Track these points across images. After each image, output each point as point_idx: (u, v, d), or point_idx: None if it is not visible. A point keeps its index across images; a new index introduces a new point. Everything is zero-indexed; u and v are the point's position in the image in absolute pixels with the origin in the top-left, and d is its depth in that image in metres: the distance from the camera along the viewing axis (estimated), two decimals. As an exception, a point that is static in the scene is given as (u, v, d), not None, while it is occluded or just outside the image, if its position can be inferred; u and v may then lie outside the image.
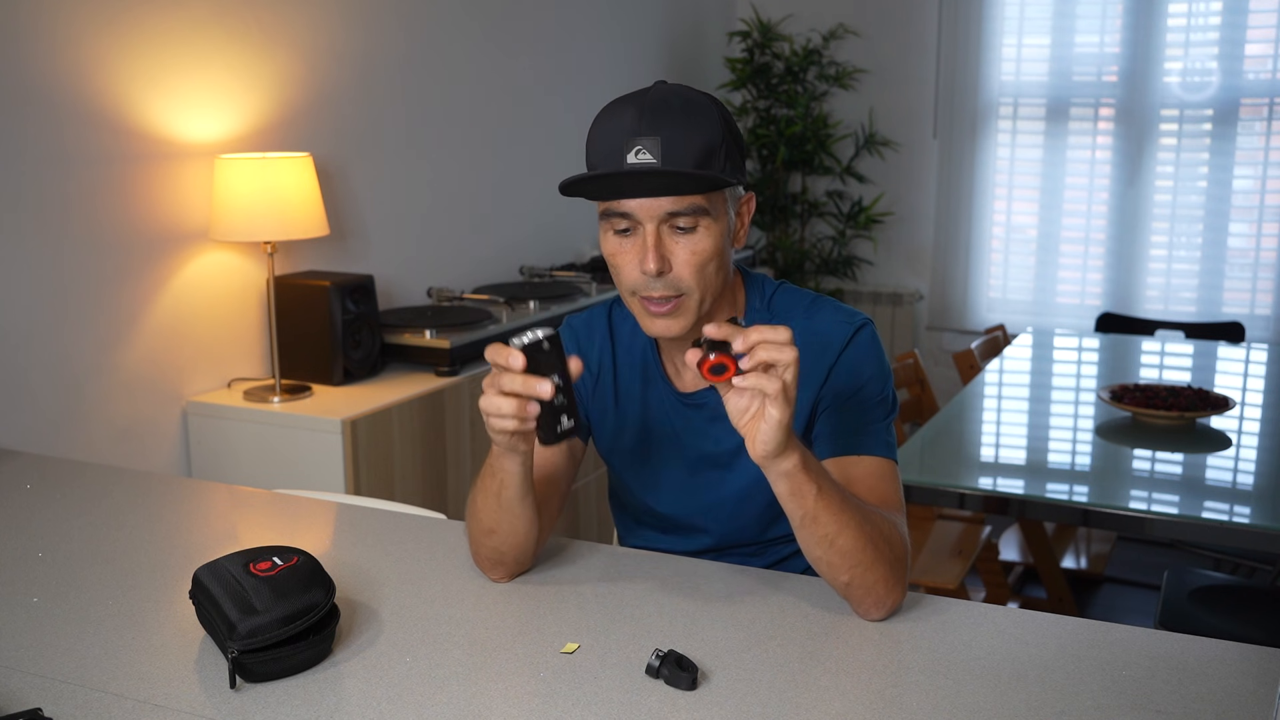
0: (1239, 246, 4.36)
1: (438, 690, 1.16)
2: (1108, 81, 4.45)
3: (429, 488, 2.70)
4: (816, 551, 1.27)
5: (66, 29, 2.29)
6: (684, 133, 1.32)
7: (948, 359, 4.67)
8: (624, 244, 1.37)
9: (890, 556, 1.29)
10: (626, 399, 1.55)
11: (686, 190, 1.33)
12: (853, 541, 1.26)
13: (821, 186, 4.91)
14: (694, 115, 1.34)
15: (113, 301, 2.43)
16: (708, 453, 1.50)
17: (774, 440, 1.19)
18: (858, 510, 1.28)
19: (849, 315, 1.47)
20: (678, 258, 1.35)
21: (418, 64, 3.24)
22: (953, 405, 2.90)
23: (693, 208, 1.34)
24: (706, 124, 1.34)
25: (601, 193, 1.36)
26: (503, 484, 1.35)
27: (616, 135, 1.34)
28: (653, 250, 1.34)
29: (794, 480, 1.23)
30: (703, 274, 1.37)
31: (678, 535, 1.57)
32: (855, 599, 1.30)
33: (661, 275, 1.35)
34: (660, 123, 1.32)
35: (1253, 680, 1.16)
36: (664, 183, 1.32)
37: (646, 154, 1.32)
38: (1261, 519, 2.16)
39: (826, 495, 1.25)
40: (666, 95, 1.36)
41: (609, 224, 1.38)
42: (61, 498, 1.80)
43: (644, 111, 1.33)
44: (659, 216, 1.34)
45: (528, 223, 3.75)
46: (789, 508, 1.26)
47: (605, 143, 1.36)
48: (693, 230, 1.35)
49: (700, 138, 1.33)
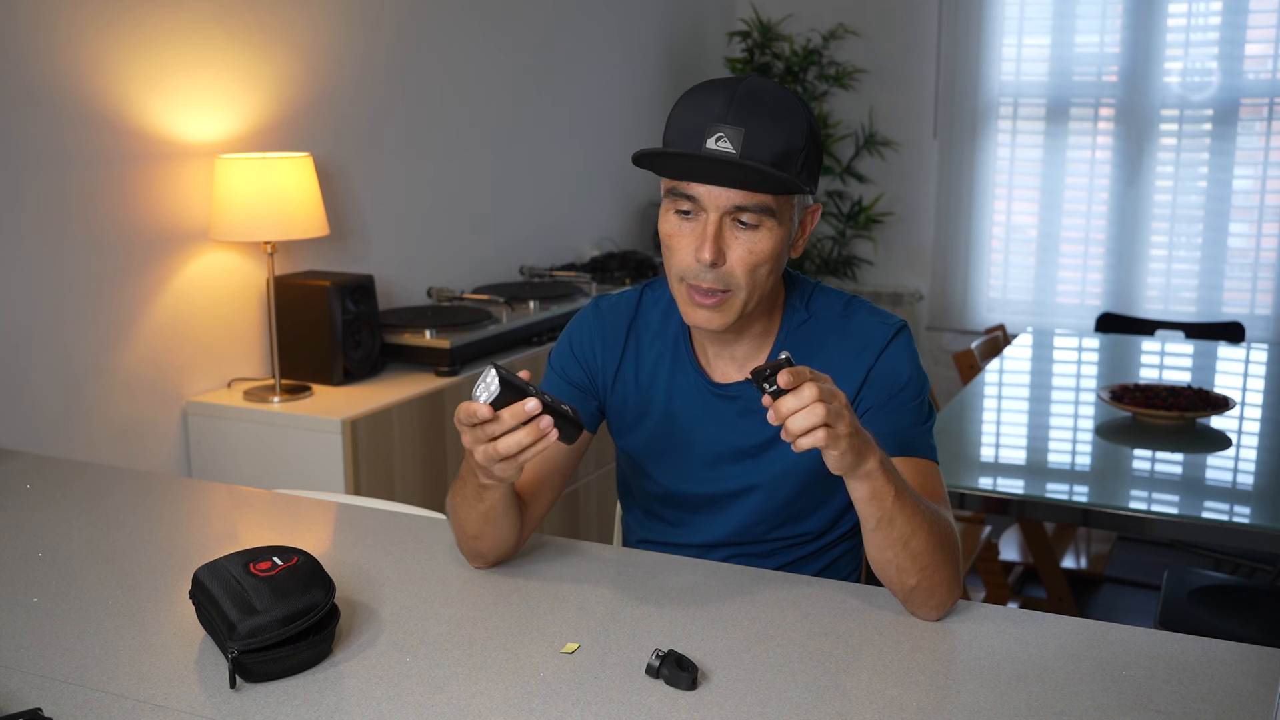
0: (1239, 246, 4.36)
1: (438, 690, 1.16)
2: (1108, 81, 4.45)
3: (429, 488, 2.70)
4: (888, 554, 1.27)
5: (66, 29, 2.29)
6: (769, 130, 1.30)
7: (948, 359, 4.67)
8: (683, 226, 1.35)
9: (954, 557, 1.30)
10: (651, 383, 1.53)
11: (759, 187, 1.31)
12: (924, 544, 1.26)
13: (821, 186, 4.92)
14: (782, 115, 1.32)
15: (113, 301, 2.43)
16: (734, 445, 1.49)
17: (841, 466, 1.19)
18: (929, 512, 1.28)
19: (885, 317, 1.47)
20: (734, 253, 1.34)
21: (418, 64, 3.24)
22: (953, 405, 2.90)
23: (760, 206, 1.32)
24: (793, 125, 1.33)
25: (673, 171, 1.34)
26: (491, 506, 1.36)
27: (701, 116, 1.32)
28: (711, 240, 1.32)
29: (874, 483, 1.22)
30: (755, 275, 1.35)
31: (688, 528, 1.55)
32: (918, 601, 1.29)
33: (714, 267, 1.33)
34: (747, 114, 1.30)
35: (1253, 680, 1.16)
36: (738, 175, 1.30)
37: (727, 143, 1.30)
38: (1261, 519, 2.16)
39: (903, 498, 1.24)
40: (759, 88, 1.34)
41: (672, 203, 1.36)
42: (61, 498, 1.80)
43: (733, 99, 1.31)
44: (724, 208, 1.32)
45: (528, 223, 3.74)
46: (866, 511, 1.25)
47: (688, 121, 1.33)
48: (755, 229, 1.34)
49: (783, 138, 1.31)
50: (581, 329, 1.57)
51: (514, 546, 1.45)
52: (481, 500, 1.35)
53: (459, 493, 1.39)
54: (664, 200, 1.38)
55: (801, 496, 1.49)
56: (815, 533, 1.53)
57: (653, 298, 1.56)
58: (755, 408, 1.46)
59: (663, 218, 1.38)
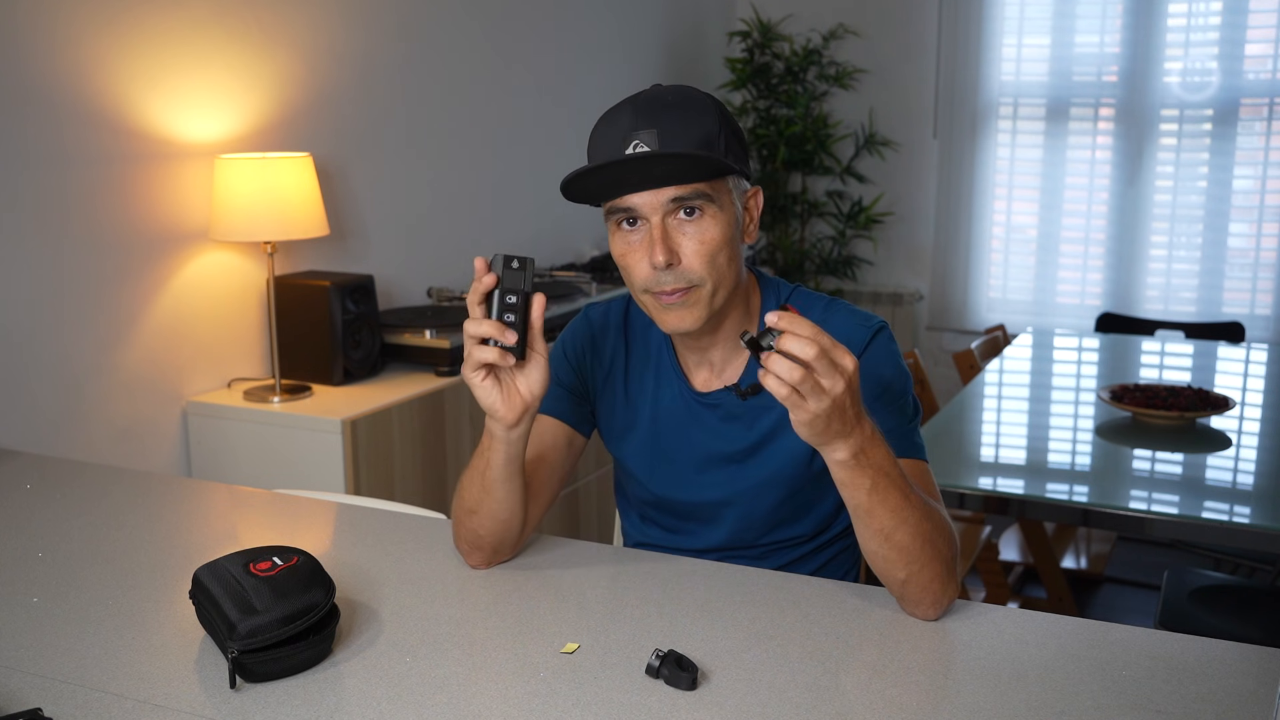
0: (1239, 246, 4.36)
1: (437, 690, 1.16)
2: (1108, 81, 4.45)
3: (429, 488, 2.70)
4: (872, 545, 1.26)
5: (66, 29, 2.29)
6: (680, 124, 1.32)
7: (948, 359, 4.67)
8: (631, 241, 1.37)
9: (947, 554, 1.28)
10: (638, 392, 1.55)
11: (689, 176, 1.32)
12: (910, 538, 1.24)
13: (821, 186, 4.91)
14: (689, 108, 1.34)
15: (113, 301, 2.43)
16: (720, 451, 1.50)
17: (806, 433, 1.17)
18: (920, 507, 1.26)
19: (865, 318, 1.47)
20: (686, 249, 1.34)
21: (417, 64, 3.24)
22: (953, 405, 2.90)
23: (696, 193, 1.33)
24: (703, 115, 1.34)
25: (604, 191, 1.35)
26: (488, 463, 1.37)
27: (613, 134, 1.34)
28: (660, 242, 1.33)
29: (847, 471, 1.22)
30: (714, 264, 1.36)
31: (684, 535, 1.57)
32: (911, 598, 1.29)
33: (671, 267, 1.34)
34: (656, 116, 1.32)
35: (1253, 680, 1.16)
36: (667, 168, 1.31)
37: (644, 146, 1.32)
38: (1261, 519, 2.16)
39: (882, 492, 1.23)
40: (661, 92, 1.37)
41: (615, 224, 1.38)
42: (61, 498, 1.80)
43: (639, 107, 1.34)
44: (663, 207, 1.33)
45: (528, 223, 3.75)
46: (845, 498, 1.25)
47: (603, 144, 1.36)
48: (699, 218, 1.34)
49: (698, 128, 1.33)
50: (575, 337, 1.59)
51: (511, 533, 1.43)
52: (480, 456, 1.37)
53: (466, 469, 1.42)
54: (608, 225, 1.40)
55: (790, 500, 1.49)
56: (808, 534, 1.53)
57: (638, 308, 1.57)
58: (737, 414, 1.48)
59: (612, 243, 1.40)
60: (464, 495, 1.42)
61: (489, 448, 1.36)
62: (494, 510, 1.40)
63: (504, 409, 1.32)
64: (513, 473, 1.38)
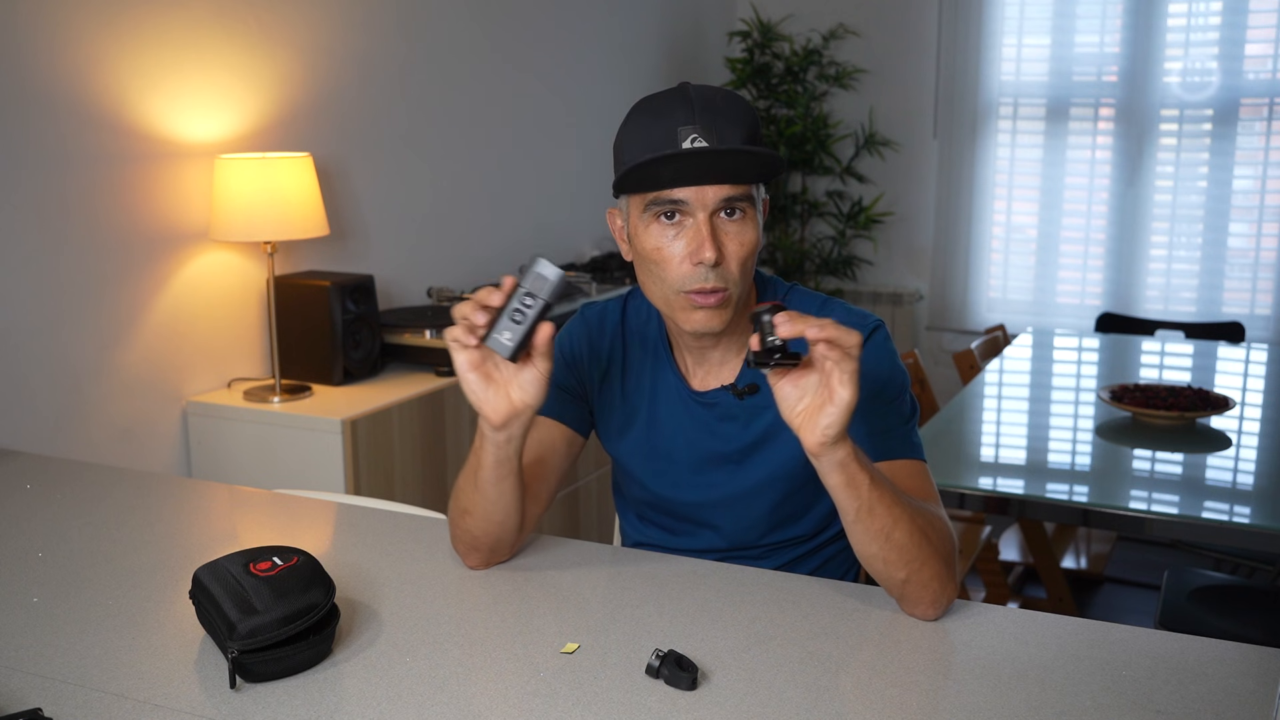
0: (1239, 246, 4.36)
1: (438, 690, 1.16)
2: (1108, 81, 4.45)
3: (429, 488, 2.70)
4: (872, 547, 1.25)
5: (66, 29, 2.29)
6: (732, 121, 1.32)
7: (948, 359, 4.67)
8: (669, 235, 1.34)
9: (944, 552, 1.28)
10: (635, 391, 1.54)
11: (745, 175, 1.31)
12: (908, 535, 1.24)
13: (821, 186, 4.91)
14: (735, 107, 1.34)
15: (113, 301, 2.43)
16: (717, 451, 1.49)
17: (839, 424, 1.16)
18: (909, 504, 1.26)
19: (861, 317, 1.46)
20: (728, 249, 1.34)
21: (418, 64, 3.24)
22: (953, 405, 2.90)
23: (745, 195, 1.33)
24: (748, 116, 1.34)
25: (664, 180, 1.31)
26: (480, 463, 1.36)
27: (663, 125, 1.32)
28: (709, 239, 1.31)
29: (848, 470, 1.20)
30: (745, 268, 1.36)
31: (683, 535, 1.56)
32: (912, 598, 1.28)
33: (717, 266, 1.33)
34: (708, 112, 1.31)
35: (1253, 680, 1.16)
36: (729, 165, 1.29)
37: (701, 141, 1.30)
38: (1261, 519, 2.16)
39: (879, 486, 1.22)
40: (706, 90, 1.35)
41: (653, 215, 1.34)
42: (61, 498, 1.80)
43: (692, 103, 1.32)
44: (713, 205, 1.32)
45: (528, 223, 3.75)
46: (844, 501, 1.23)
47: (651, 136, 1.32)
48: (742, 220, 1.34)
49: (745, 128, 1.33)
50: (571, 337, 1.58)
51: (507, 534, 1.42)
52: (474, 456, 1.37)
53: (462, 468, 1.42)
54: (640, 216, 1.36)
55: (788, 500, 1.49)
56: (808, 534, 1.53)
57: (635, 307, 1.57)
58: (734, 414, 1.48)
59: (644, 235, 1.36)
60: (459, 495, 1.42)
61: (480, 447, 1.35)
62: (487, 511, 1.39)
63: (489, 409, 1.30)
64: (504, 475, 1.36)
